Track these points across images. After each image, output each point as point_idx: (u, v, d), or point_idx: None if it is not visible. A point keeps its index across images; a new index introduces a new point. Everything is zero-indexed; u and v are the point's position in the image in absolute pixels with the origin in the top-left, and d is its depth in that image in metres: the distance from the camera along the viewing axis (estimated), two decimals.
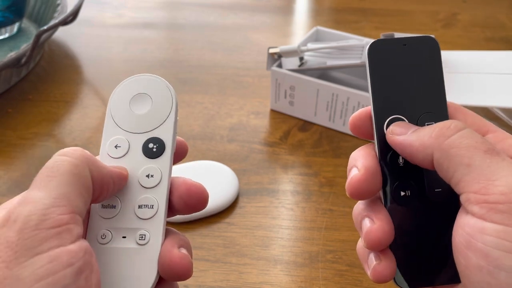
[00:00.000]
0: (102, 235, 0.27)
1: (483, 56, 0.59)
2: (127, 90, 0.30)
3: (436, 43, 0.28)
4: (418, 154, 0.25)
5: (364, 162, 0.27)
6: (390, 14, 0.86)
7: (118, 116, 0.29)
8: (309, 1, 0.94)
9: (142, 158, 0.28)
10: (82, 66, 0.72)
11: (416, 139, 0.25)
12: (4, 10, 0.70)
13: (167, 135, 0.29)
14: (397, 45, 0.28)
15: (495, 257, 0.21)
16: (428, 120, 0.27)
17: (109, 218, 0.27)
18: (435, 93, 0.27)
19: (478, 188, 0.22)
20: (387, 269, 0.26)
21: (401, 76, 0.28)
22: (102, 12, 0.85)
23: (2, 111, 0.62)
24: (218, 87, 0.67)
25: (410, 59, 0.28)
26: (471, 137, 0.24)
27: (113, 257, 0.26)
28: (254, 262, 0.44)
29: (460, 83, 0.54)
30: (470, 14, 0.86)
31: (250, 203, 0.50)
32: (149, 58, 0.73)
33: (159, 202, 0.27)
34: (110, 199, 0.27)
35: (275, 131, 0.59)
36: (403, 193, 0.27)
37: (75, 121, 0.61)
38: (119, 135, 0.29)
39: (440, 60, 0.28)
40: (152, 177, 0.28)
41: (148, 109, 0.29)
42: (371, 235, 0.26)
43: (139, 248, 0.27)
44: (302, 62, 0.61)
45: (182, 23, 0.83)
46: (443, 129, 0.24)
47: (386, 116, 0.27)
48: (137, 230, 0.27)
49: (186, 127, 0.59)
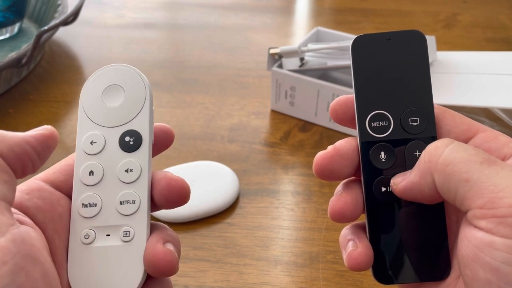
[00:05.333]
0: (86, 235, 0.26)
1: (484, 56, 0.59)
2: (97, 83, 0.28)
3: (422, 36, 0.27)
4: (424, 188, 0.24)
5: (336, 144, 0.27)
6: (390, 14, 0.86)
7: (91, 110, 0.28)
8: (310, 2, 0.94)
9: (120, 152, 0.27)
10: (82, 67, 0.72)
11: (414, 175, 0.25)
12: (4, 10, 0.70)
13: (143, 127, 0.27)
14: (382, 39, 0.27)
15: (506, 272, 0.21)
16: (412, 115, 0.27)
17: (91, 217, 0.26)
18: (420, 88, 0.27)
19: (483, 203, 0.22)
20: (362, 256, 0.26)
21: (385, 71, 0.27)
22: (103, 12, 0.85)
23: (3, 111, 0.62)
24: (218, 88, 0.67)
25: (395, 54, 0.27)
26: (463, 150, 0.23)
27: (99, 256, 0.26)
28: (255, 262, 0.44)
29: (460, 83, 0.54)
30: (470, 14, 0.86)
31: (251, 204, 0.50)
32: (150, 59, 0.73)
33: (141, 196, 0.27)
34: (90, 197, 0.26)
35: (276, 131, 0.59)
36: (384, 189, 0.26)
37: (76, 121, 0.60)
38: (94, 131, 0.28)
39: (426, 55, 0.27)
40: (132, 171, 0.27)
41: (122, 101, 0.28)
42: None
43: (124, 245, 0.26)
44: (303, 63, 0.61)
45: (183, 23, 0.83)
46: (431, 150, 0.24)
47: (369, 112, 0.27)
48: (120, 227, 0.26)
49: (186, 127, 0.59)
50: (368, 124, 0.27)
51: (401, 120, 0.27)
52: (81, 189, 0.27)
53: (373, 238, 0.27)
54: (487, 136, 0.25)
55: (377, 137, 0.27)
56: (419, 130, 0.26)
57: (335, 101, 0.28)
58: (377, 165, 0.27)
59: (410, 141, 0.26)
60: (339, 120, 0.28)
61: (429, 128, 0.26)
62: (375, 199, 0.27)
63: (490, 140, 0.25)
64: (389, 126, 0.27)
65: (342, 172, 0.27)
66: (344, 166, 0.26)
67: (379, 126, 0.27)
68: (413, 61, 0.27)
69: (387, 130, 0.27)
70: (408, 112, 0.27)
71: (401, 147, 0.26)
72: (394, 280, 0.27)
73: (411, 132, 0.26)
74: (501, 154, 0.25)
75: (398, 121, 0.27)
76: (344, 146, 0.27)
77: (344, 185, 0.27)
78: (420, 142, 0.26)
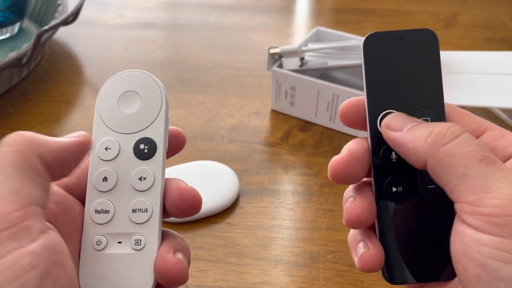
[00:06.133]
0: (98, 241, 0.26)
1: (484, 56, 0.59)
2: (114, 88, 0.28)
3: (434, 35, 0.27)
4: (411, 156, 0.24)
5: (350, 147, 0.26)
6: (391, 14, 0.86)
7: (107, 116, 0.28)
8: (310, 2, 0.94)
9: (134, 159, 0.27)
10: (83, 66, 0.72)
11: (410, 141, 0.24)
12: (5, 10, 0.70)
13: (158, 135, 0.27)
14: (394, 38, 0.27)
15: (494, 267, 0.21)
16: (424, 115, 0.26)
17: (103, 223, 0.26)
18: (432, 88, 0.27)
19: (473, 200, 0.22)
20: (374, 258, 0.26)
21: (396, 70, 0.27)
22: (103, 12, 0.85)
23: (3, 111, 0.62)
24: (218, 87, 0.67)
25: (406, 52, 0.27)
26: (467, 145, 0.23)
27: (110, 264, 0.26)
28: (255, 262, 0.44)
29: (461, 83, 0.54)
30: (471, 14, 0.86)
31: (251, 203, 0.50)
32: (150, 59, 0.73)
33: (153, 205, 0.27)
34: (103, 204, 0.27)
35: (276, 131, 0.59)
36: (395, 189, 0.26)
37: (76, 121, 0.61)
38: (109, 136, 0.28)
39: (438, 54, 0.27)
40: (145, 179, 0.27)
41: (138, 107, 0.28)
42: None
43: (135, 253, 0.26)
44: (303, 63, 0.61)
45: (183, 23, 0.83)
46: (439, 135, 0.23)
47: (380, 111, 0.26)
48: (132, 235, 0.26)
49: (186, 127, 0.59)
50: (379, 124, 0.26)
51: None
52: (94, 195, 0.27)
53: (384, 238, 0.26)
54: (494, 134, 0.26)
55: None
56: None
57: (344, 103, 0.27)
58: (388, 165, 0.26)
59: None
60: (350, 123, 0.27)
61: None
62: (386, 200, 0.26)
63: (497, 139, 0.25)
64: None
65: (358, 175, 0.26)
66: (360, 169, 0.26)
67: None
68: (425, 61, 0.27)
69: None
70: (419, 111, 0.26)
71: None
72: (406, 280, 0.26)
73: None
74: (507, 153, 0.25)
75: None
76: (358, 148, 0.26)
77: (355, 190, 0.27)
78: None
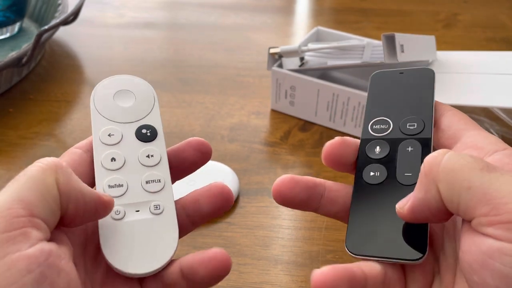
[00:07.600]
0: (116, 211, 0.27)
1: (484, 56, 0.59)
2: (107, 89, 0.31)
3: (432, 73, 0.31)
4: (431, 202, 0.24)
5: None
6: (391, 14, 0.86)
7: (105, 110, 0.30)
8: (310, 1, 0.94)
9: (138, 142, 0.29)
10: (83, 66, 0.72)
11: (418, 191, 0.24)
12: (5, 10, 0.70)
13: (157, 122, 0.30)
14: (395, 73, 0.32)
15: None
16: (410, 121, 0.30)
17: (118, 196, 0.28)
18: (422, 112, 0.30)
19: (488, 210, 0.21)
20: None
21: (394, 95, 0.31)
22: (103, 12, 0.85)
23: (3, 111, 0.62)
24: (218, 87, 0.67)
25: (405, 84, 0.31)
26: (461, 157, 0.23)
27: (132, 230, 0.27)
28: (255, 262, 0.44)
29: (460, 83, 0.54)
30: (471, 14, 0.86)
31: (251, 203, 0.50)
32: (150, 58, 0.73)
33: (165, 177, 0.29)
34: (115, 179, 0.28)
35: (276, 131, 0.59)
36: (372, 173, 0.29)
37: (76, 121, 0.61)
38: (109, 125, 0.29)
39: (433, 87, 0.30)
40: (153, 156, 0.29)
41: (133, 102, 0.30)
42: None
43: (156, 217, 0.28)
44: (303, 62, 0.61)
45: (183, 23, 0.83)
46: (430, 160, 0.24)
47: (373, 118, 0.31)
48: (149, 203, 0.28)
49: (186, 127, 0.59)
50: (370, 126, 0.30)
51: (400, 125, 0.30)
52: (104, 173, 0.28)
53: (353, 212, 0.28)
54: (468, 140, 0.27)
55: (376, 135, 0.30)
56: (415, 132, 0.29)
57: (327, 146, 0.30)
58: (371, 156, 0.29)
59: (405, 140, 0.29)
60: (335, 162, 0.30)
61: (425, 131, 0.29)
62: (363, 181, 0.29)
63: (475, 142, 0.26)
64: (388, 128, 0.30)
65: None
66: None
67: (380, 128, 0.30)
68: (420, 91, 0.31)
69: (386, 131, 0.30)
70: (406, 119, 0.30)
71: (395, 144, 0.29)
72: (365, 252, 0.27)
73: (408, 133, 0.29)
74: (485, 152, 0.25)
75: (397, 125, 0.30)
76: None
77: None
78: (414, 140, 0.29)
